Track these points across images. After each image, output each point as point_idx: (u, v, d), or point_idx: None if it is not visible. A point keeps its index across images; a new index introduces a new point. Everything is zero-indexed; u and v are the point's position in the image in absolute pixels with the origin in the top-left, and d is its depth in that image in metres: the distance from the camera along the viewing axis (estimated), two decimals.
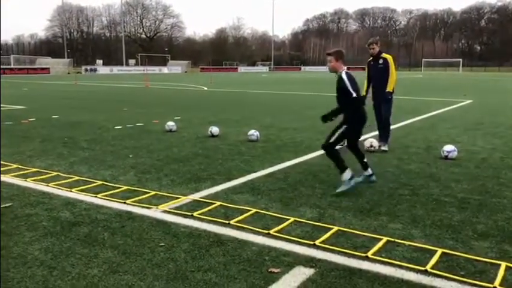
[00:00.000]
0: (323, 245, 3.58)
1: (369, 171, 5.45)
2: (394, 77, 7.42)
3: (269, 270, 3.16)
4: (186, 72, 71.08)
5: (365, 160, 5.47)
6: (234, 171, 6.04)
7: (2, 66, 57.85)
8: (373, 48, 7.48)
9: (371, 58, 7.63)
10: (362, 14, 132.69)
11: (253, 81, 37.10)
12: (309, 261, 3.30)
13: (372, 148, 7.30)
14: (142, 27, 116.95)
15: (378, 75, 7.51)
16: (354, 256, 3.40)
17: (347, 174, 5.02)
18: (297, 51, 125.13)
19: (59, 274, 3.08)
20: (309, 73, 72.05)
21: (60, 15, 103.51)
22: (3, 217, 4.19)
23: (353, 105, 5.07)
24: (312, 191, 5.10)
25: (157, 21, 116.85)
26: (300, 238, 3.72)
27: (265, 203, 4.67)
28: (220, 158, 6.86)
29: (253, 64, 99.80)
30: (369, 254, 3.42)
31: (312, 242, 3.62)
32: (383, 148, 7.46)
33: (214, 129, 8.83)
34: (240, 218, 4.17)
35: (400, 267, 3.22)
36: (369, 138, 7.62)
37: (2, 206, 4.49)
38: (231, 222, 4.06)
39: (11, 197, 4.79)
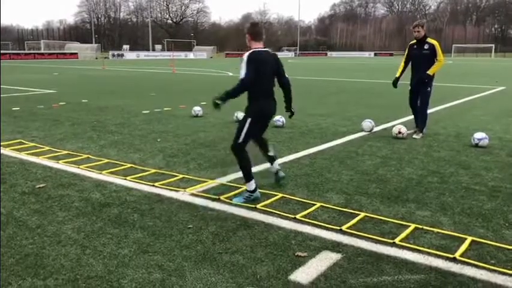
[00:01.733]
0: (350, 231, 3.57)
1: (276, 165, 4.77)
2: (442, 63, 7.13)
3: (296, 254, 3.18)
4: (211, 57, 71.24)
5: (270, 153, 4.79)
6: (260, 156, 6.04)
7: (32, 51, 59.17)
8: (419, 32, 7.11)
9: (414, 41, 7.30)
10: None
11: None
12: (335, 246, 3.31)
13: (400, 135, 7.19)
14: (169, 12, 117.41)
15: (421, 60, 7.16)
16: (381, 242, 3.38)
17: (251, 185, 4.26)
18: (323, 36, 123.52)
19: (91, 253, 3.18)
20: (335, 59, 71.17)
21: (88, 0, 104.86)
22: (38, 197, 4.33)
23: (240, 89, 4.23)
24: (338, 177, 5.08)
25: (183, 6, 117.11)
26: (327, 223, 3.72)
27: (291, 188, 4.68)
28: None
29: (279, 49, 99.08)
30: (396, 240, 3.40)
31: (338, 228, 3.63)
32: (415, 136, 7.29)
33: (240, 115, 8.82)
34: (267, 202, 4.20)
35: (428, 254, 3.19)
36: (397, 125, 7.52)
37: (36, 186, 4.64)
38: (258, 206, 4.10)
39: (44, 178, 4.94)
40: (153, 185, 4.71)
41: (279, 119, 8.26)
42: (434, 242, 3.39)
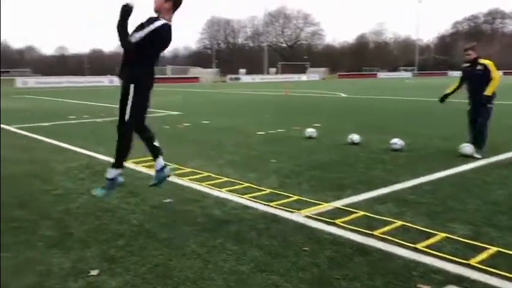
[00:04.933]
0: (478, 265, 3.30)
1: (160, 162, 4.31)
2: (497, 83, 7.26)
3: (417, 286, 3.02)
4: (323, 79, 71.31)
5: (155, 144, 4.32)
6: (377, 180, 5.88)
7: (159, 76, 64.63)
8: (469, 55, 7.48)
9: (468, 64, 7.59)
10: None
11: (395, 88, 35.65)
12: (462, 281, 3.08)
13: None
14: (283, 36, 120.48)
15: (476, 81, 7.43)
16: None
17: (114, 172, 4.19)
18: (443, 55, 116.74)
19: (213, 267, 3.35)
20: (457, 78, 66.73)
21: (210, 28, 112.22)
22: (166, 211, 4.69)
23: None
24: (463, 206, 4.73)
25: (298, 30, 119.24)
26: (451, 255, 3.47)
27: (411, 215, 4.46)
28: (362, 166, 6.74)
29: (395, 69, 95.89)
30: None
31: (465, 261, 3.36)
32: (476, 155, 7.14)
33: (355, 137, 8.71)
34: (385, 229, 4.06)
35: None
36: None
37: (164, 201, 5.03)
38: (375, 233, 3.97)
39: (171, 194, 5.33)
40: (269, 205, 4.82)
41: (397, 141, 7.96)
42: None
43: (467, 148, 7.36)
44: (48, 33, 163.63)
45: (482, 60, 7.43)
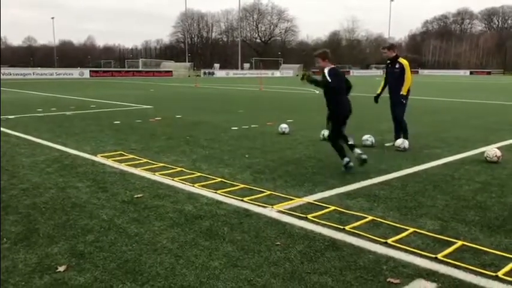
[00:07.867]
0: (446, 259, 3.37)
1: (356, 150, 6.16)
2: (409, 82, 7.82)
3: (387, 280, 3.06)
4: (297, 75, 71.67)
5: (350, 142, 6.30)
6: (349, 176, 5.95)
7: (131, 69, 63.58)
8: (385, 53, 7.93)
9: (388, 61, 7.98)
10: (489, 14, 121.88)
11: (366, 85, 36.13)
12: (430, 275, 3.14)
13: (496, 158, 6.72)
14: (258, 32, 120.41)
15: (393, 78, 7.92)
16: (481, 274, 3.15)
17: (345, 160, 6.11)
18: (414, 53, 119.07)
19: (184, 263, 3.31)
20: (427, 77, 68.13)
21: (183, 21, 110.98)
22: (136, 206, 4.62)
23: (330, 91, 6.17)
24: (432, 202, 4.83)
25: (272, 26, 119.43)
26: (420, 250, 3.54)
27: (381, 211, 4.53)
28: (334, 162, 6.79)
29: (367, 67, 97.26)
30: (500, 273, 3.14)
31: (433, 255, 3.43)
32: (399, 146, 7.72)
33: (327, 133, 8.76)
34: (356, 224, 4.10)
35: None
36: (493, 148, 7.01)
37: (135, 196, 4.95)
38: (346, 228, 4.01)
39: (142, 189, 5.25)
40: (242, 200, 4.81)
41: (368, 138, 8.08)
42: None
43: (399, 142, 7.79)
44: (16, 23, 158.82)
45: (401, 60, 7.85)
